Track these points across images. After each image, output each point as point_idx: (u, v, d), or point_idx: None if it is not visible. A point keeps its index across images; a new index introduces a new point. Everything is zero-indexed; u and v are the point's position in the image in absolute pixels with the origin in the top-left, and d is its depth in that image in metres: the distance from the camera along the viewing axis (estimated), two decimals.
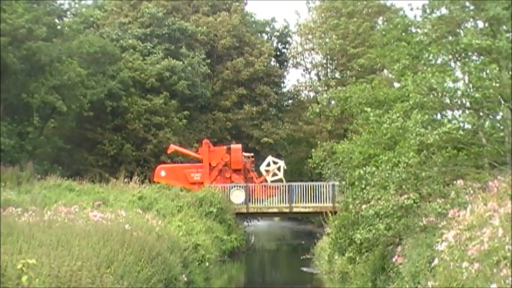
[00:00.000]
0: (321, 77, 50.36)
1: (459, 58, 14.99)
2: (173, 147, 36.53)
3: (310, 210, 33.16)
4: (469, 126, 14.43)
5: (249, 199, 32.97)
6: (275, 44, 51.89)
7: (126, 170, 37.78)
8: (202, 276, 21.38)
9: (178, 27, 44.76)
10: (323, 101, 44.14)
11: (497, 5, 14.01)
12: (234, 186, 32.96)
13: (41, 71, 33.30)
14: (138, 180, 31.20)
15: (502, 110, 14.40)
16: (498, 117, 15.00)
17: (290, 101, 52.41)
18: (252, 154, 37.63)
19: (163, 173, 34.84)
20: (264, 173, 35.14)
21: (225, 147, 36.00)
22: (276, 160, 36.16)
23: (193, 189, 32.25)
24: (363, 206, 14.72)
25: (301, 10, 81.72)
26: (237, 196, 32.72)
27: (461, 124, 14.07)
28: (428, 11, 16.29)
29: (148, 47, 43.75)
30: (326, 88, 48.02)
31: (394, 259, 13.74)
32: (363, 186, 15.24)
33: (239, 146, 36.23)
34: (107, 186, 29.33)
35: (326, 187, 32.51)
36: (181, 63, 42.78)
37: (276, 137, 46.17)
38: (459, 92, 13.75)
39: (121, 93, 39.69)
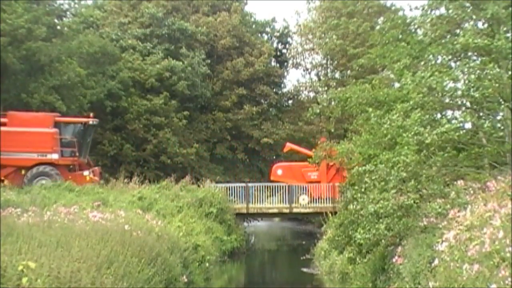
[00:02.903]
0: (321, 77, 50.31)
1: (459, 58, 14.98)
2: (289, 146, 36.86)
3: (310, 210, 33.16)
4: (469, 126, 14.43)
5: None
6: (275, 44, 51.83)
7: (126, 170, 37.76)
8: (202, 277, 21.38)
9: (178, 27, 44.74)
10: (323, 101, 44.18)
11: (496, 5, 14.01)
12: None
13: (40, 71, 33.29)
14: (138, 181, 31.19)
15: (502, 110, 14.40)
16: (498, 117, 15.00)
17: (290, 101, 52.34)
18: None
19: (279, 172, 35.08)
20: None
21: None
22: None
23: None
24: (363, 206, 14.72)
25: (301, 10, 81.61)
26: None
27: (461, 124, 14.06)
28: (428, 10, 16.28)
29: (148, 47, 43.72)
30: (326, 88, 48.00)
31: (394, 260, 13.74)
32: (363, 186, 15.25)
33: None
34: (106, 187, 29.32)
35: (326, 187, 32.53)
36: (181, 63, 42.75)
37: (276, 137, 46.11)
38: (459, 92, 13.75)
39: (121, 93, 39.67)
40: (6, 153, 29.25)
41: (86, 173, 30.44)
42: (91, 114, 32.24)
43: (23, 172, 29.39)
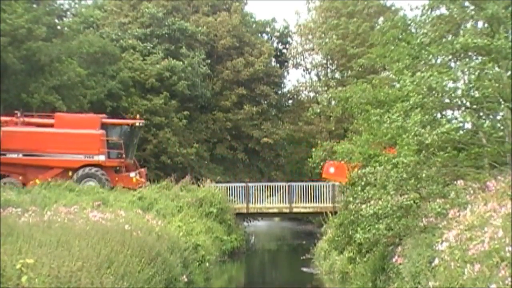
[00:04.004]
0: (321, 77, 50.35)
1: (459, 58, 14.98)
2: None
3: (310, 210, 33.19)
4: (469, 126, 14.43)
5: None
6: (275, 44, 51.83)
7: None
8: (202, 277, 21.39)
9: (178, 27, 44.73)
10: (324, 101, 44.21)
11: (496, 4, 14.01)
12: None
13: (41, 71, 33.29)
14: None
15: (502, 110, 14.40)
16: (498, 117, 15.00)
17: (290, 101, 52.35)
18: None
19: (332, 170, 35.17)
20: None
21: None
22: None
23: None
24: (363, 206, 14.72)
25: (301, 10, 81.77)
26: None
27: (461, 124, 14.07)
28: (428, 10, 16.28)
29: (148, 47, 43.71)
30: (326, 88, 48.01)
31: (394, 259, 13.74)
32: (362, 186, 15.26)
33: None
34: (107, 186, 29.35)
35: (326, 187, 32.54)
36: (181, 63, 42.74)
37: (276, 137, 46.13)
38: (459, 92, 13.75)
39: (121, 93, 39.67)
40: (53, 154, 29.53)
41: (132, 174, 30.70)
42: (138, 116, 32.50)
43: (70, 173, 29.59)
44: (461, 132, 13.77)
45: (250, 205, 33.33)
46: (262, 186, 35.12)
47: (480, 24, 15.90)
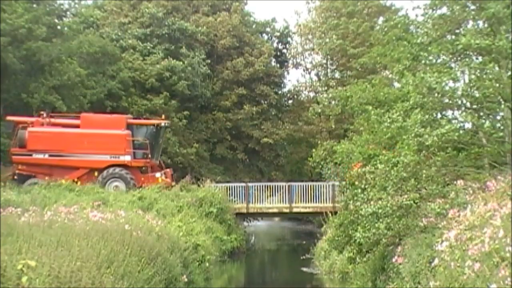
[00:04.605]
0: (321, 77, 50.34)
1: (459, 58, 14.98)
2: None
3: (310, 210, 33.21)
4: (469, 126, 14.43)
5: None
6: (275, 44, 51.82)
7: None
8: (202, 276, 21.39)
9: (178, 27, 44.73)
10: (324, 101, 44.22)
11: (497, 4, 14.00)
12: None
13: (41, 71, 33.28)
14: None
15: (502, 110, 14.40)
16: (498, 117, 15.00)
17: (290, 101, 52.36)
18: None
19: None
20: None
21: None
22: None
23: None
24: (363, 206, 14.73)
25: (301, 10, 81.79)
26: None
27: (461, 124, 14.07)
28: (429, 10, 16.28)
29: (148, 47, 43.72)
30: (326, 88, 48.04)
31: (394, 259, 13.74)
32: (363, 186, 15.26)
33: None
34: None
35: (326, 187, 32.54)
36: (181, 63, 42.75)
37: (276, 137, 46.14)
38: (459, 92, 13.75)
39: (121, 93, 39.68)
40: (79, 154, 29.62)
41: (158, 175, 30.77)
42: (163, 116, 32.58)
43: (95, 174, 29.67)
44: (461, 132, 13.77)
45: (250, 205, 33.34)
46: (262, 186, 35.13)
47: (480, 24, 15.89)
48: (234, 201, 33.01)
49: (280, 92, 50.93)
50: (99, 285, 11.67)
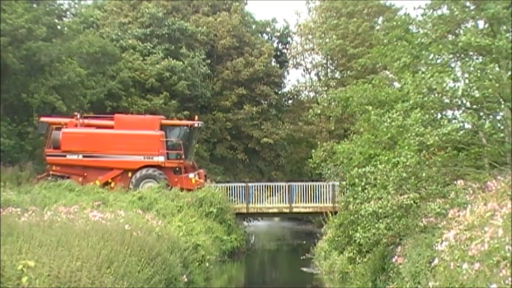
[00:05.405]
0: (321, 77, 50.33)
1: (459, 58, 14.99)
2: None
3: (310, 210, 33.19)
4: (469, 126, 14.44)
5: None
6: (275, 44, 51.83)
7: None
8: (202, 276, 21.37)
9: (178, 27, 44.73)
10: (324, 101, 44.20)
11: (497, 4, 14.02)
12: None
13: (41, 71, 33.28)
14: None
15: (502, 110, 14.41)
16: (498, 117, 15.01)
17: (290, 101, 52.36)
18: None
19: None
20: None
21: None
22: None
23: None
24: (363, 205, 14.73)
25: (301, 10, 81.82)
26: None
27: (461, 124, 14.07)
28: (429, 10, 16.29)
29: (148, 47, 43.72)
30: (326, 88, 48.02)
31: (394, 259, 13.75)
32: (363, 185, 15.26)
33: None
34: (107, 186, 29.35)
35: (326, 187, 32.54)
36: (181, 63, 42.75)
37: (276, 137, 46.14)
38: (459, 92, 13.75)
39: (121, 93, 39.68)
40: (112, 155, 29.68)
41: (191, 175, 30.85)
42: (196, 117, 32.62)
43: (129, 174, 29.72)
44: (461, 132, 13.77)
45: (250, 205, 33.32)
46: (262, 186, 35.12)
47: (480, 24, 15.91)
48: (234, 201, 32.99)
49: (280, 92, 50.94)
50: (99, 285, 11.66)
